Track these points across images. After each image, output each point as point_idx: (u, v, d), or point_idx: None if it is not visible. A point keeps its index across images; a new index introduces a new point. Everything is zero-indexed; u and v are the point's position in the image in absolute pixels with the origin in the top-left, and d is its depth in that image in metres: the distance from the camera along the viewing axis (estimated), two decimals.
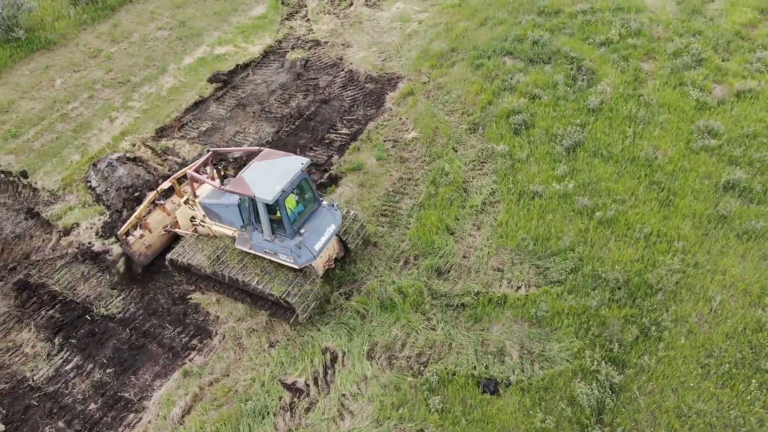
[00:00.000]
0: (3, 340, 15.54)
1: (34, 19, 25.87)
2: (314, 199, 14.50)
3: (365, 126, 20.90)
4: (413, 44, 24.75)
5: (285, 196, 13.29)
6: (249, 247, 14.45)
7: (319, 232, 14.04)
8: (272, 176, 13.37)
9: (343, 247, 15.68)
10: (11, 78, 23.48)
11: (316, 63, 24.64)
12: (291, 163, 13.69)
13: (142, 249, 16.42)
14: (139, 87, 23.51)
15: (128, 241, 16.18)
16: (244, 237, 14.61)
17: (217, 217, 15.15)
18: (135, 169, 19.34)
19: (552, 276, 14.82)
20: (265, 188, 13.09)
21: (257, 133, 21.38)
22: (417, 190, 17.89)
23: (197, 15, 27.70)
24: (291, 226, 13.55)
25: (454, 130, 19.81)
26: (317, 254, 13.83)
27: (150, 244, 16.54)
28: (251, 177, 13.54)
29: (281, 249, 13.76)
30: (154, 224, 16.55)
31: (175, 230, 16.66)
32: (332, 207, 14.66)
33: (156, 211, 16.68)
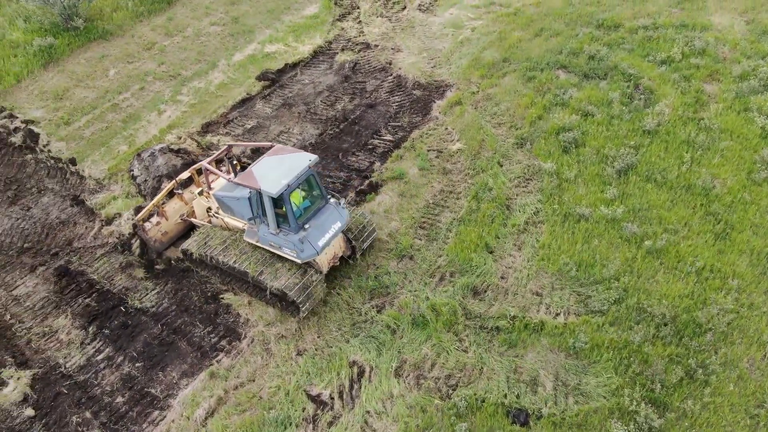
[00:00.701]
0: (40, 325, 15.81)
1: (93, 9, 26.47)
2: (321, 196, 14.73)
3: (410, 134, 20.54)
4: (464, 52, 24.25)
5: (290, 190, 13.58)
6: (256, 240, 14.77)
7: (324, 228, 14.22)
8: (280, 171, 13.74)
9: (350, 246, 15.71)
10: (68, 66, 24.06)
11: (365, 66, 24.41)
12: (299, 160, 14.06)
13: (157, 236, 16.81)
14: (188, 81, 23.75)
15: (145, 227, 16.62)
16: (252, 230, 14.89)
17: (229, 210, 15.51)
18: (173, 159, 19.45)
19: (593, 305, 14.16)
20: (271, 182, 13.48)
21: (301, 134, 21.29)
22: (458, 203, 17.43)
23: (251, 12, 27.86)
24: (295, 221, 13.81)
25: (501, 143, 19.25)
26: (320, 250, 14.02)
27: (166, 231, 16.92)
28: (260, 171, 13.94)
29: (285, 243, 14.03)
30: (171, 212, 16.90)
31: (191, 220, 16.99)
32: (339, 205, 14.77)
33: (174, 200, 17.04)
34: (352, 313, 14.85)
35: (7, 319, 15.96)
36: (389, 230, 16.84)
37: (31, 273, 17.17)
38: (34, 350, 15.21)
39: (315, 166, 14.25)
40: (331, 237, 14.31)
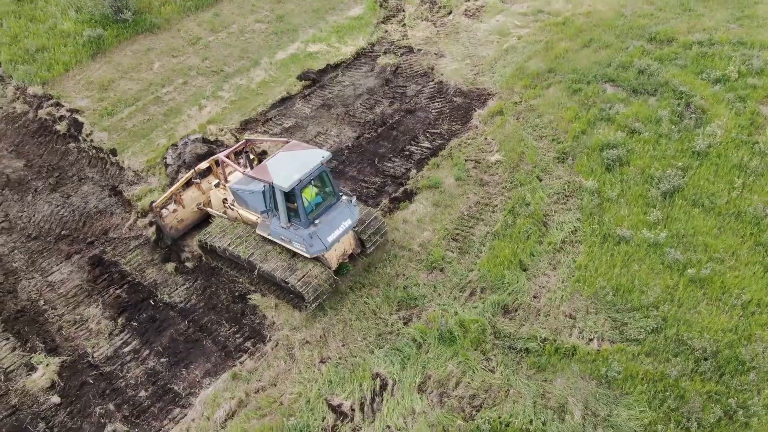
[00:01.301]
0: (72, 312, 16.04)
1: (142, 3, 26.89)
2: (333, 192, 14.91)
3: (448, 142, 20.17)
4: (509, 60, 23.74)
5: (302, 186, 13.80)
6: (268, 233, 15.00)
7: (334, 225, 14.42)
8: (293, 166, 13.95)
9: (360, 244, 15.80)
10: (115, 57, 24.48)
11: (407, 70, 24.13)
12: (312, 156, 14.28)
13: (174, 223, 17.08)
14: (230, 78, 23.88)
15: (162, 214, 16.82)
16: (265, 223, 15.11)
17: (244, 203, 15.74)
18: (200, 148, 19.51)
19: (629, 333, 13.58)
20: (283, 176, 13.69)
21: (338, 136, 21.15)
22: (494, 217, 17.00)
23: (296, 11, 27.90)
24: (306, 216, 14.04)
25: (541, 157, 18.72)
26: (329, 246, 14.25)
27: (182, 219, 17.20)
28: (273, 165, 14.19)
29: (295, 237, 14.23)
30: (188, 201, 17.15)
31: (208, 209, 17.22)
32: (351, 203, 14.89)
33: (192, 188, 17.25)
34: (379, 324, 14.60)
35: (41, 305, 16.26)
36: (421, 240, 16.53)
37: (67, 260, 17.47)
38: (64, 338, 15.44)
39: (328, 163, 14.46)
40: (341, 234, 14.53)
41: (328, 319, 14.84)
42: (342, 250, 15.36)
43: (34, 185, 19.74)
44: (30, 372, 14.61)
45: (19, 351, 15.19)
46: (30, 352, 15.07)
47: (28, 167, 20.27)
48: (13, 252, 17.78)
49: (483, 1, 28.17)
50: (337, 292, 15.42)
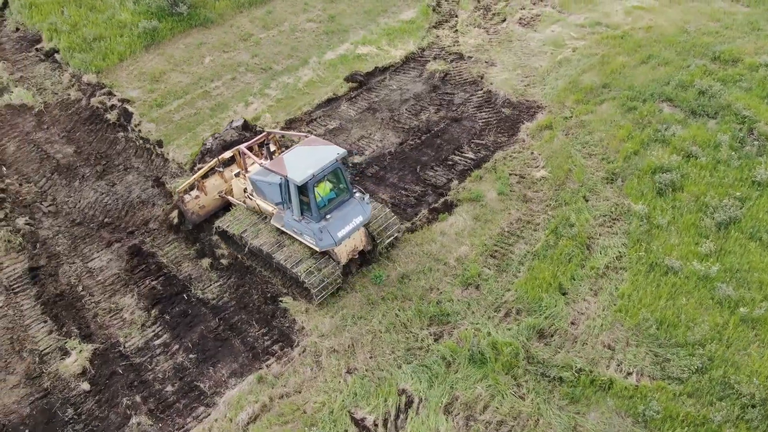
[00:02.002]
0: (108, 300, 16.28)
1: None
2: (347, 189, 15.09)
3: (493, 154, 19.69)
4: (562, 73, 23.05)
5: (315, 180, 14.09)
6: (282, 225, 15.33)
7: (346, 221, 14.61)
8: (308, 161, 14.23)
9: (371, 241, 15.92)
10: (167, 50, 24.86)
11: (455, 77, 23.71)
12: (328, 152, 14.48)
13: (195, 208, 17.42)
14: (278, 76, 23.92)
15: (184, 199, 17.24)
16: (279, 215, 15.45)
17: (262, 194, 16.01)
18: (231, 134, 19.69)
19: (672, 370, 12.88)
20: (298, 170, 13.99)
21: (381, 141, 20.91)
22: (535, 236, 16.46)
23: (348, 11, 27.79)
24: (318, 210, 14.30)
25: (589, 176, 18.05)
26: (339, 241, 14.45)
27: (204, 205, 17.55)
28: (290, 159, 14.49)
29: (306, 230, 14.55)
30: (211, 188, 17.51)
31: (228, 198, 17.53)
32: (364, 200, 15.07)
33: (215, 176, 17.58)
34: (408, 338, 14.29)
35: (79, 291, 16.56)
36: (458, 255, 16.13)
37: (107, 248, 17.76)
38: (98, 325, 15.67)
39: (342, 160, 14.68)
40: (352, 230, 14.73)
41: (357, 328, 14.61)
42: (353, 246, 15.53)
43: (81, 171, 20.16)
44: (64, 357, 14.86)
45: (55, 334, 15.48)
46: (65, 336, 15.33)
47: (77, 153, 20.73)
48: (58, 236, 18.17)
49: (539, 10, 27.48)
50: (368, 302, 15.21)
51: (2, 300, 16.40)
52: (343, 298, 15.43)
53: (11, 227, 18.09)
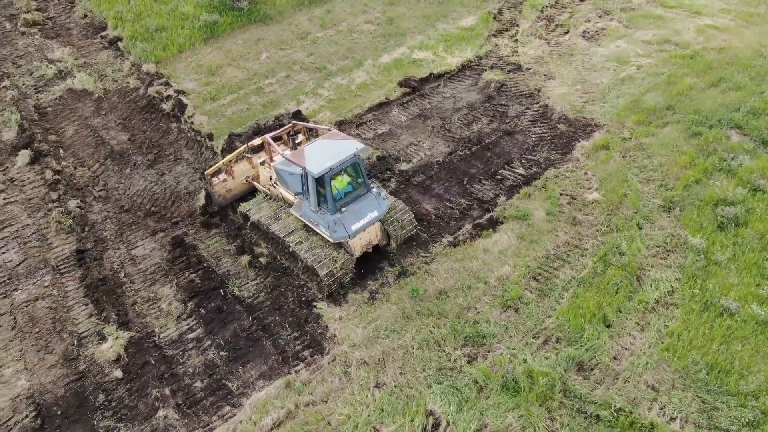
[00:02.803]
0: (147, 289, 16.48)
1: None
2: (364, 184, 15.44)
3: (544, 171, 19.03)
4: (623, 91, 22.12)
5: (332, 173, 14.50)
6: (300, 214, 15.82)
7: (360, 215, 14.97)
8: (327, 154, 14.66)
9: (386, 237, 16.17)
10: (226, 44, 25.14)
11: (511, 89, 23.09)
12: (347, 146, 14.86)
13: (222, 191, 18.05)
14: (332, 76, 23.84)
15: (212, 182, 17.83)
16: (299, 204, 15.95)
17: (284, 183, 16.53)
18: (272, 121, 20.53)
19: (720, 421, 12.05)
20: (316, 163, 14.46)
21: (431, 149, 20.53)
22: (582, 262, 15.76)
23: (407, 15, 27.48)
24: (334, 203, 14.74)
25: (645, 203, 17.19)
26: (352, 234, 14.83)
27: (231, 188, 18.16)
28: (310, 151, 14.94)
29: (322, 221, 15.03)
30: (238, 173, 18.09)
31: (255, 183, 18.13)
32: (380, 196, 15.43)
33: (243, 161, 18.10)
34: (441, 357, 13.89)
35: (121, 277, 16.83)
36: (499, 274, 15.61)
37: (151, 237, 18.01)
38: (136, 313, 15.88)
39: (361, 155, 15.11)
40: (366, 224, 15.05)
41: (389, 342, 14.30)
42: (367, 239, 15.81)
43: (134, 159, 20.56)
44: (100, 341, 15.10)
45: (94, 318, 15.76)
46: (104, 321, 15.59)
47: (131, 141, 21.15)
48: (106, 221, 18.55)
49: (604, 24, 26.51)
50: (403, 315, 14.89)
51: (49, 279, 16.83)
52: (378, 308, 15.16)
53: (63, 209, 18.57)
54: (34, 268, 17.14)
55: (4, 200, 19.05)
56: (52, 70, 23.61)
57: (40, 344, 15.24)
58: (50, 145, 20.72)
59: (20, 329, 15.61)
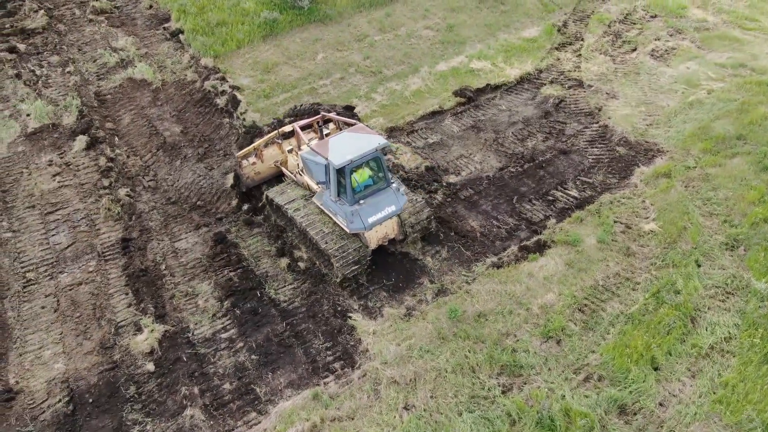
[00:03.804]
0: (186, 284, 16.54)
1: None
2: (385, 179, 15.82)
3: (599, 195, 18.18)
4: (691, 116, 20.97)
5: (353, 166, 14.92)
6: (321, 203, 16.29)
7: (378, 208, 15.38)
8: (350, 146, 15.07)
9: (402, 231, 16.48)
10: (283, 42, 25.15)
11: (571, 106, 22.24)
12: (370, 141, 15.29)
13: (251, 174, 18.55)
14: (387, 81, 23.53)
15: (242, 164, 18.38)
16: (321, 193, 16.38)
17: (309, 171, 16.91)
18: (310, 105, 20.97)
19: None
20: (338, 154, 14.88)
21: (481, 163, 19.96)
22: (632, 296, 14.92)
23: (468, 23, 26.88)
24: (353, 195, 15.20)
25: (706, 239, 16.17)
26: (368, 226, 15.23)
27: (259, 171, 18.67)
28: (334, 143, 15.42)
29: (341, 211, 15.49)
30: (268, 157, 18.56)
31: (283, 168, 18.57)
32: (399, 191, 15.81)
33: (273, 146, 18.59)
34: (475, 384, 13.36)
35: (162, 269, 16.95)
36: (543, 302, 14.94)
37: (195, 231, 18.10)
38: (173, 307, 15.95)
39: (383, 150, 15.45)
40: (383, 217, 15.45)
41: (422, 362, 13.87)
42: (384, 233, 16.19)
43: (184, 152, 20.76)
44: (136, 332, 15.22)
45: (133, 308, 15.91)
46: (141, 312, 15.71)
47: (183, 134, 21.38)
48: (152, 211, 18.76)
49: (675, 43, 25.26)
50: (439, 336, 14.43)
51: (93, 265, 17.12)
52: (414, 326, 14.74)
53: (113, 196, 18.88)
54: (80, 253, 17.46)
55: (59, 183, 19.52)
56: (114, 58, 24.14)
57: (80, 329, 15.48)
58: (106, 133, 21.15)
59: (62, 312, 15.91)
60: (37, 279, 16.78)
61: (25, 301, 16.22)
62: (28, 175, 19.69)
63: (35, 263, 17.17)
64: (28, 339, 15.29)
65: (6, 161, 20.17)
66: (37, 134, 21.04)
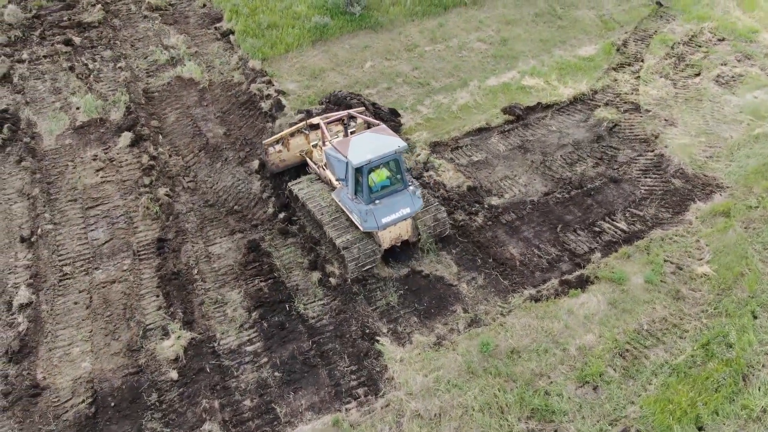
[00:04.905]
0: (216, 291, 16.39)
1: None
2: (402, 180, 16.11)
3: (649, 231, 17.21)
4: (756, 150, 19.70)
5: (370, 166, 15.26)
6: (339, 199, 16.72)
7: (393, 209, 15.66)
8: (370, 147, 15.39)
9: (417, 234, 16.71)
10: (333, 48, 24.84)
11: (625, 131, 21.21)
12: (390, 143, 15.54)
13: (276, 161, 19.18)
14: (434, 93, 22.95)
15: (268, 151, 18.93)
16: (339, 190, 16.72)
17: (332, 167, 17.10)
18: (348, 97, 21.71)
19: None
20: (357, 154, 15.24)
21: (526, 186, 19.20)
22: (679, 345, 13.98)
23: (522, 37, 26.03)
24: (369, 194, 15.53)
25: (765, 287, 15.06)
26: (382, 226, 15.58)
27: (284, 159, 19.29)
28: (355, 142, 15.75)
29: (356, 209, 15.84)
30: (294, 146, 19.11)
31: (307, 159, 19.05)
32: (415, 194, 15.98)
33: (300, 136, 19.02)
34: (502, 426, 12.71)
35: (194, 273, 16.85)
36: (581, 343, 14.15)
37: (230, 236, 17.95)
38: (201, 314, 15.81)
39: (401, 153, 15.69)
40: (397, 218, 15.75)
41: (449, 397, 13.29)
42: (397, 234, 16.46)
43: (226, 154, 20.67)
44: (163, 337, 15.14)
45: (162, 312, 15.83)
46: (170, 317, 15.61)
47: (226, 136, 21.31)
48: (190, 213, 18.71)
49: (743, 69, 23.82)
50: (468, 370, 13.82)
51: (128, 264, 17.16)
52: (443, 356, 14.18)
53: (153, 195, 18.93)
54: (117, 250, 17.54)
55: (102, 179, 19.72)
56: (165, 56, 24.32)
57: (109, 329, 15.51)
58: (151, 130, 21.27)
59: (94, 310, 15.98)
60: (72, 273, 16.92)
61: (60, 295, 16.37)
62: (72, 168, 19.96)
63: (72, 257, 17.33)
64: (58, 334, 15.40)
65: (53, 153, 20.52)
66: (85, 128, 21.34)
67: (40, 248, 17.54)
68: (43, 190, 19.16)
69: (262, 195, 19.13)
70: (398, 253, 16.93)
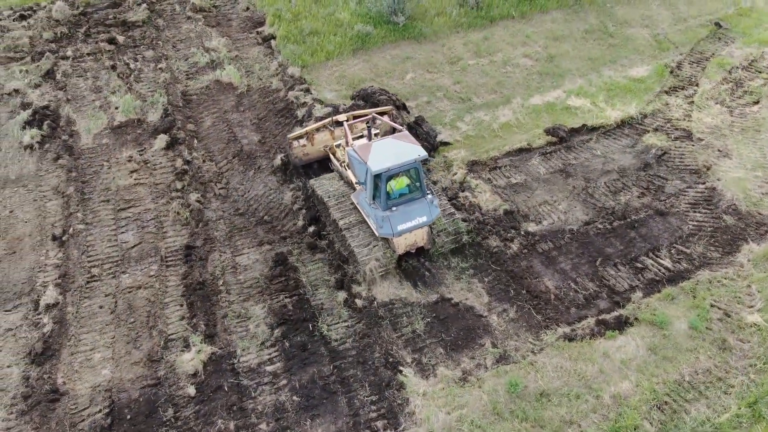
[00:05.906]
0: (240, 304, 16.10)
1: (419, 9, 26.32)
2: (420, 189, 16.15)
3: (696, 271, 16.22)
4: None
5: (389, 173, 15.30)
6: (357, 202, 16.94)
7: (409, 217, 15.74)
8: (390, 153, 15.50)
9: (432, 241, 16.84)
10: (374, 58, 24.34)
11: (675, 160, 20.14)
12: (410, 151, 15.60)
13: (300, 154, 19.60)
14: (475, 110, 22.26)
15: (293, 144, 19.32)
16: (358, 192, 16.96)
17: (353, 168, 17.34)
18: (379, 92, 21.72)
19: None
20: (377, 160, 15.36)
21: (566, 213, 18.38)
22: (723, 401, 13.03)
23: (570, 54, 25.08)
24: (386, 201, 15.62)
25: None
26: (397, 233, 15.67)
27: (308, 153, 19.70)
28: (376, 147, 15.84)
29: (373, 214, 16.02)
30: (318, 141, 19.50)
31: (331, 155, 19.40)
32: (432, 203, 16.02)
33: (325, 132, 19.40)
34: None
35: (219, 284, 16.59)
36: (616, 391, 13.32)
37: (258, 247, 17.66)
38: (224, 327, 15.54)
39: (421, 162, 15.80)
40: (413, 226, 15.77)
41: None
42: (412, 240, 16.53)
43: (259, 162, 20.41)
44: (184, 349, 14.91)
45: (184, 322, 15.61)
46: (192, 328, 15.38)
47: (260, 143, 21.05)
48: (219, 220, 18.49)
49: None
50: (494, 410, 13.16)
51: (155, 270, 17.02)
52: (468, 393, 13.54)
53: (184, 200, 18.78)
54: (145, 254, 17.44)
55: (135, 180, 19.68)
56: (205, 58, 24.23)
57: (131, 336, 15.37)
58: (187, 134, 21.16)
59: (118, 315, 15.88)
60: (100, 276, 16.88)
61: (86, 298, 16.33)
62: (107, 168, 19.99)
63: (101, 259, 17.29)
64: (82, 338, 15.34)
65: (90, 152, 20.60)
66: (122, 128, 21.39)
67: (71, 248, 17.55)
68: (78, 189, 19.22)
69: (293, 206, 18.79)
70: (427, 277, 16.38)
